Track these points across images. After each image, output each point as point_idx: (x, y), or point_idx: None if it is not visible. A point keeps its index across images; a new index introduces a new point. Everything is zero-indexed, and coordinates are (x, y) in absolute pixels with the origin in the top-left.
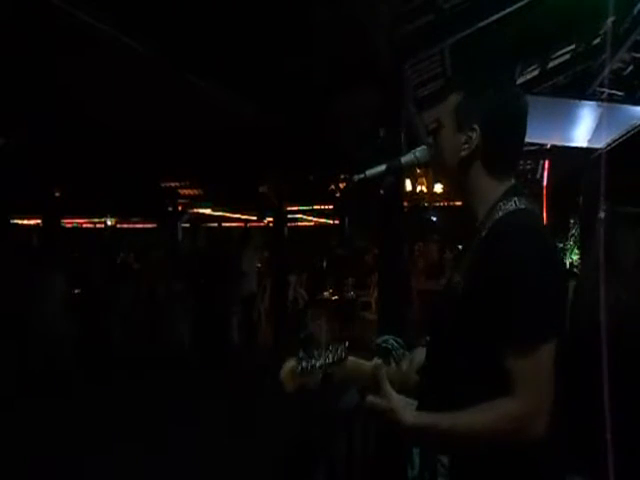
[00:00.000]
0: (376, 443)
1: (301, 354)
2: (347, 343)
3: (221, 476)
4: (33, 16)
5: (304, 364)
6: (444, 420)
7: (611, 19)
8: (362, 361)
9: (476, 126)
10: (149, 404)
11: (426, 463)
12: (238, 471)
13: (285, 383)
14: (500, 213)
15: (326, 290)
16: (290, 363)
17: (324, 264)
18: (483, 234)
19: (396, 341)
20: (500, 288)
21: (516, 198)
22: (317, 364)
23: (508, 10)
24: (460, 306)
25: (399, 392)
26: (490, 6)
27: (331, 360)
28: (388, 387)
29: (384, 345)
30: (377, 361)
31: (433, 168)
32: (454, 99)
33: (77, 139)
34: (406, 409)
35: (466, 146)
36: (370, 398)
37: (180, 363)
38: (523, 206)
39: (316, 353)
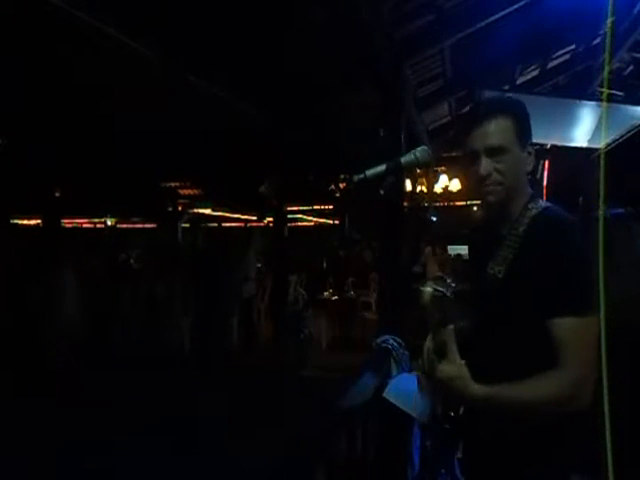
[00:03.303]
0: (376, 443)
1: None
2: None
3: (221, 476)
4: (35, 17)
5: (437, 290)
6: (508, 390)
7: (611, 19)
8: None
9: (531, 141)
10: (148, 404)
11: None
12: (237, 471)
13: (426, 305)
14: (534, 211)
15: (326, 290)
16: (428, 287)
17: (324, 264)
18: (520, 230)
19: (396, 341)
20: (555, 269)
21: (539, 197)
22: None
23: (508, 10)
24: (504, 291)
25: None
26: (490, 6)
27: (449, 292)
28: (457, 354)
29: (384, 345)
30: (451, 327)
31: (500, 188)
32: (506, 124)
33: (77, 139)
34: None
35: (529, 160)
36: (441, 366)
37: (180, 363)
38: (545, 203)
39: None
